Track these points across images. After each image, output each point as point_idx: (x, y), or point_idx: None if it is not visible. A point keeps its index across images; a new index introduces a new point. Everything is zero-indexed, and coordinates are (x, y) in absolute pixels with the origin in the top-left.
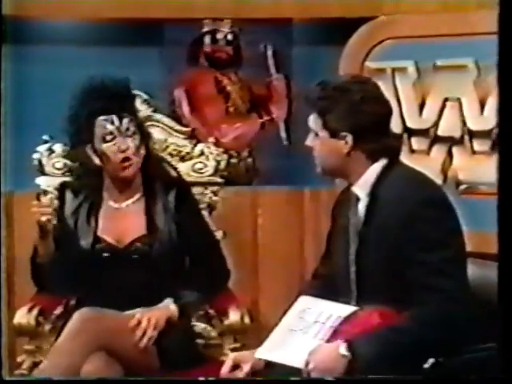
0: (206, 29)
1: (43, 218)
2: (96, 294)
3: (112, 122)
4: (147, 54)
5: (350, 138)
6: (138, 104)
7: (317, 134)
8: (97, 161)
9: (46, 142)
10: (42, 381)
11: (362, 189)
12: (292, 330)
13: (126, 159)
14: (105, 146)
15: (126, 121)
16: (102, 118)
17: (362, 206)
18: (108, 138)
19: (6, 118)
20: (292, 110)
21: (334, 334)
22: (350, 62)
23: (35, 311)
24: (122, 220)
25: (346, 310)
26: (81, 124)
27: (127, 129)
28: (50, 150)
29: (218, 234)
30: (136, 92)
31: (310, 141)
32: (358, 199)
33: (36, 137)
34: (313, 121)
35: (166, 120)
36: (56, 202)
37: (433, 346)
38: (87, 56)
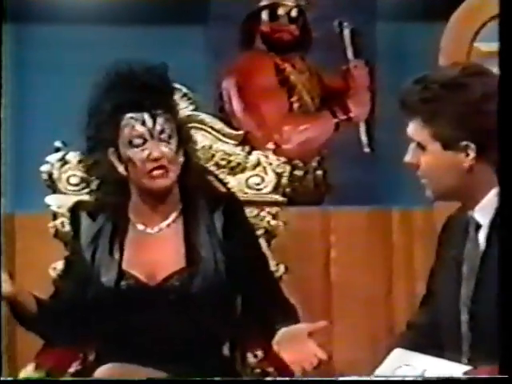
0: (263, 2)
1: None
2: (121, 346)
3: (143, 122)
4: (187, 35)
5: (472, 149)
6: (176, 99)
7: (422, 148)
8: (121, 169)
9: (57, 149)
10: (41, 381)
11: (484, 213)
12: None
13: (158, 169)
14: (132, 151)
15: (160, 121)
16: (129, 115)
17: (482, 236)
18: (136, 141)
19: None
20: (375, 106)
21: None
22: (454, 43)
23: (44, 370)
24: (154, 249)
25: (456, 368)
26: (102, 122)
27: (162, 131)
28: (63, 161)
29: (279, 269)
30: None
31: (411, 156)
32: (478, 226)
33: (45, 142)
34: (415, 130)
35: (212, 120)
36: (69, 229)
37: None
38: (110, 37)
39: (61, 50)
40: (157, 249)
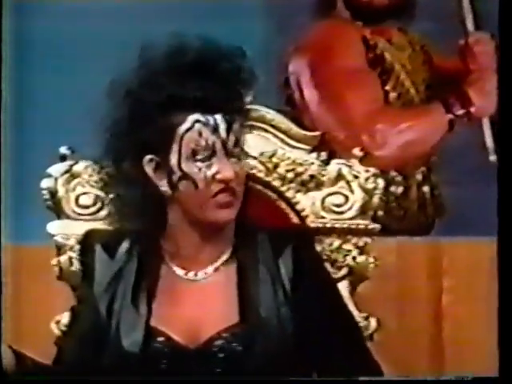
0: None
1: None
2: None
3: (215, 130)
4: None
5: None
6: None
7: None
8: (164, 187)
9: (63, 157)
10: (41, 381)
11: None
12: None
13: (225, 193)
14: (192, 166)
15: (236, 128)
16: (195, 117)
17: None
18: (203, 154)
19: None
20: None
21: None
22: None
23: None
24: (197, 300)
25: None
26: (139, 118)
27: (236, 143)
28: (71, 174)
29: (369, 325)
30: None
31: None
32: None
33: (46, 148)
34: None
35: (275, 117)
36: (78, 267)
37: None
38: (136, 8)
39: (75, 22)
40: (200, 301)
